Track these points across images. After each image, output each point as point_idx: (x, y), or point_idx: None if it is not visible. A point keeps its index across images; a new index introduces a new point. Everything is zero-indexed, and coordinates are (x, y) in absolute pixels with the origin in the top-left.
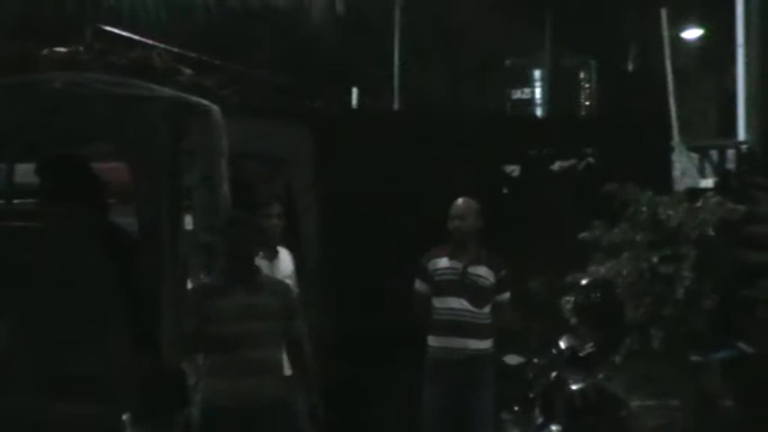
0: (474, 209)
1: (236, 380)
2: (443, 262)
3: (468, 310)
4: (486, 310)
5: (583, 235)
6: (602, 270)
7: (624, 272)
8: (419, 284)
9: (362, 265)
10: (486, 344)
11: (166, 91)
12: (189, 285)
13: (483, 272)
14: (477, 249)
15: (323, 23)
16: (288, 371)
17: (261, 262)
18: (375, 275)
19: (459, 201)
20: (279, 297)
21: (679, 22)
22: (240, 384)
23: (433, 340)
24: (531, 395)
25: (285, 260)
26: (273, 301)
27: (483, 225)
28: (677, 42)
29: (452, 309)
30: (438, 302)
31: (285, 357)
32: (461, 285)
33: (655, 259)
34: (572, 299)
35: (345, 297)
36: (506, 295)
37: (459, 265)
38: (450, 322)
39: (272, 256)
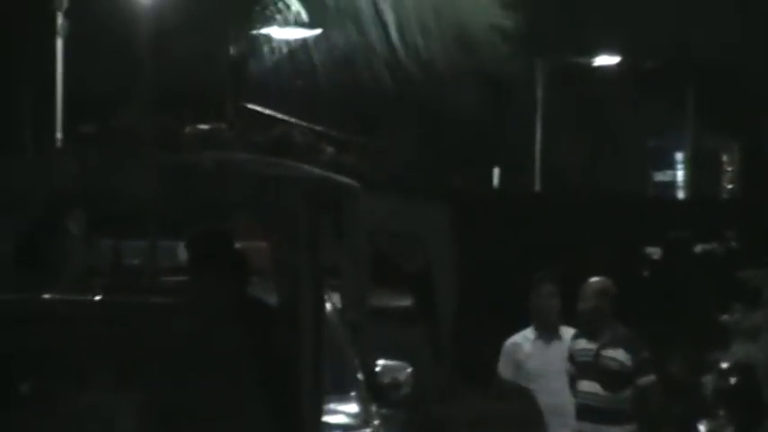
0: (602, 289)
1: None
2: (582, 343)
3: (599, 395)
4: (624, 394)
5: (723, 317)
6: (743, 353)
7: (765, 356)
8: (568, 366)
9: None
10: (621, 430)
11: (313, 171)
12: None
13: (619, 355)
14: (613, 331)
15: (465, 102)
16: None
17: (535, 344)
18: None
19: (590, 281)
20: (517, 404)
21: None
22: None
23: (577, 424)
24: None
25: (568, 341)
26: (512, 411)
27: (614, 306)
28: None
29: (586, 392)
30: (578, 385)
31: None
32: (594, 369)
33: None
34: (712, 382)
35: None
36: (649, 378)
37: (593, 347)
38: (585, 407)
39: (550, 338)
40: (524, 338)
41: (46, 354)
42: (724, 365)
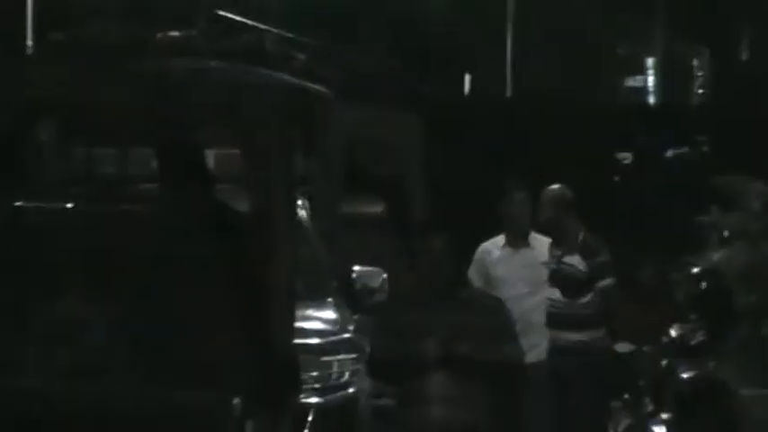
0: (557, 197)
1: (425, 411)
2: (552, 252)
3: (560, 301)
4: (583, 300)
5: (701, 218)
6: (715, 258)
7: (736, 261)
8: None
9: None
10: (580, 336)
11: (286, 78)
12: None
13: (575, 261)
14: (574, 238)
15: (435, 7)
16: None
17: (504, 251)
18: None
19: (546, 190)
20: (488, 316)
21: None
22: (429, 416)
23: (547, 332)
24: (642, 383)
25: (539, 249)
26: (482, 321)
27: (573, 213)
28: None
29: (552, 300)
30: (548, 293)
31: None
32: (555, 276)
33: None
34: (683, 287)
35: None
36: (605, 282)
37: (556, 254)
38: (551, 314)
39: (519, 245)
40: (494, 245)
41: (19, 263)
42: (695, 270)
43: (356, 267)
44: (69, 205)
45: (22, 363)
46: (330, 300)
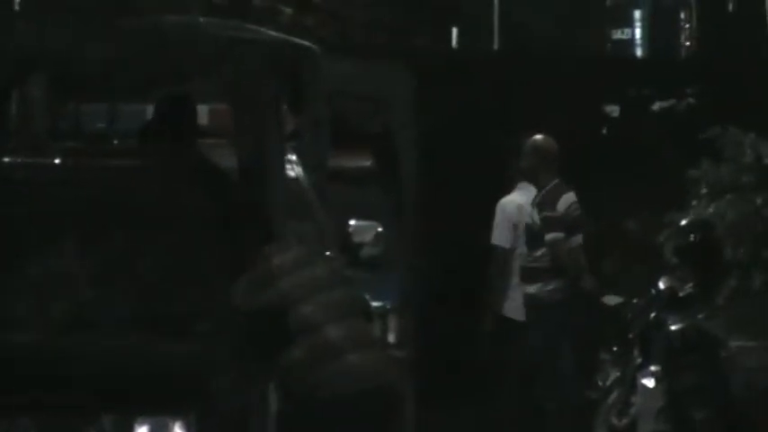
0: (538, 147)
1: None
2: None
3: (524, 254)
4: (539, 253)
5: (691, 172)
6: (704, 210)
7: (727, 213)
8: None
9: (461, 208)
10: (535, 288)
11: (271, 34)
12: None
13: (534, 213)
14: (543, 190)
15: None
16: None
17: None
18: (473, 220)
19: (530, 139)
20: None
21: None
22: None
23: None
24: (630, 335)
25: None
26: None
27: (553, 164)
28: None
29: (522, 253)
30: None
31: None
32: (524, 227)
33: (759, 201)
34: (671, 239)
35: (442, 240)
36: (552, 235)
37: (528, 208)
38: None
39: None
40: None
41: (9, 218)
42: (683, 223)
43: (352, 221)
44: (58, 160)
45: (14, 317)
46: (327, 254)
